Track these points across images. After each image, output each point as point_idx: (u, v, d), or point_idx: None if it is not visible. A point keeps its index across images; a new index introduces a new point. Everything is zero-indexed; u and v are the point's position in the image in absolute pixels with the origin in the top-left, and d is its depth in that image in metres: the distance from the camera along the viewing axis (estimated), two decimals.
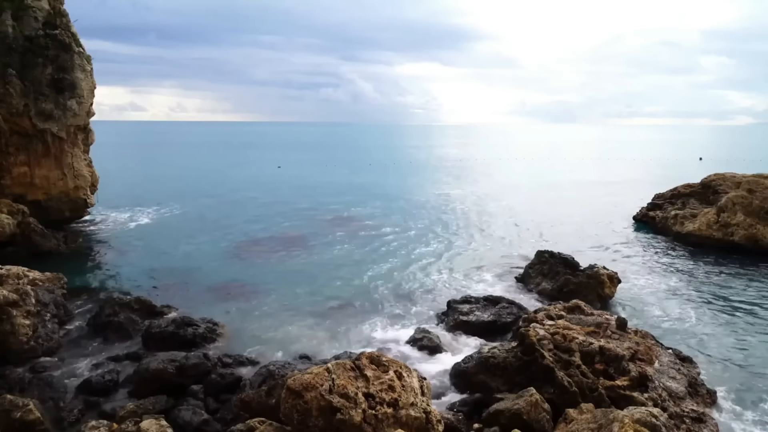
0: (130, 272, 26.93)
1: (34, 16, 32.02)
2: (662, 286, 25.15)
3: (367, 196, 52.91)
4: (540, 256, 25.63)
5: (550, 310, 17.76)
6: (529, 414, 12.41)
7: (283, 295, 23.57)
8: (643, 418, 10.46)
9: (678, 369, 14.96)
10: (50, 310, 18.80)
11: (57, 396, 14.43)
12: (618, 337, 15.60)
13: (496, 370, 14.79)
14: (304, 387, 10.83)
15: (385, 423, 10.70)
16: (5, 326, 16.53)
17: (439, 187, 61.53)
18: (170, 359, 15.41)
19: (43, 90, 31.78)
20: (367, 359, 11.98)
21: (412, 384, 11.66)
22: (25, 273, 19.31)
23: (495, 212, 44.67)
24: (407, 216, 42.76)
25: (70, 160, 34.21)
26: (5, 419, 12.33)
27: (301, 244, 33.14)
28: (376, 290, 24.50)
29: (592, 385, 13.51)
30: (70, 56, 32.84)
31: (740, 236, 30.66)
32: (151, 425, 11.57)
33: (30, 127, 31.86)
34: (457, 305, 20.74)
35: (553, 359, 14.10)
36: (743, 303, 22.77)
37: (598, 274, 22.89)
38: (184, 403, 14.02)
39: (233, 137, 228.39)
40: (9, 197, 31.03)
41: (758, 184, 32.26)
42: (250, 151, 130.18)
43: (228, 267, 28.05)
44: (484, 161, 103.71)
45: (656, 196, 40.59)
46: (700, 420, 13.03)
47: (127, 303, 20.25)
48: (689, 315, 21.53)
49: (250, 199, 50.96)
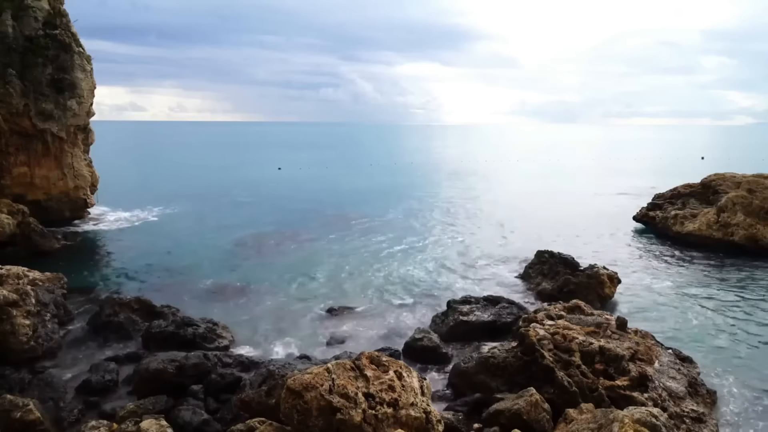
0: (130, 272, 26.93)
1: (34, 16, 32.05)
2: (662, 286, 25.14)
3: (367, 197, 52.92)
4: (540, 256, 25.62)
5: (550, 310, 17.75)
6: (529, 414, 12.41)
7: (283, 295, 23.58)
8: (643, 418, 10.46)
9: (678, 369, 14.95)
10: (50, 310, 18.79)
11: (57, 396, 14.42)
12: (618, 337, 15.59)
13: (496, 370, 14.78)
14: (304, 387, 10.82)
15: (385, 423, 10.70)
16: (5, 326, 16.52)
17: (439, 188, 61.56)
18: (170, 359, 15.40)
19: (43, 90, 31.80)
20: (367, 359, 11.98)
21: (412, 384, 11.66)
22: (25, 273, 19.30)
23: (495, 212, 44.67)
24: (407, 216, 42.77)
25: (70, 160, 34.23)
26: (5, 419, 12.33)
27: (301, 244, 33.15)
28: (376, 290, 24.50)
29: (592, 385, 13.50)
30: (70, 56, 32.87)
31: (740, 236, 30.65)
32: (151, 425, 11.56)
33: (30, 127, 31.88)
34: (457, 305, 20.73)
35: (553, 359, 14.10)
36: (743, 303, 22.76)
37: (598, 274, 22.89)
38: (184, 403, 14.00)
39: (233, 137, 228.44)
40: (9, 197, 31.05)
41: (758, 184, 32.26)
42: (250, 151, 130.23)
43: (228, 267, 28.05)
44: (484, 161, 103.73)
45: (656, 196, 40.55)
46: (700, 420, 13.02)
47: (127, 303, 20.25)
48: (689, 315, 21.53)
49: (250, 199, 50.98)
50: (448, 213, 44.69)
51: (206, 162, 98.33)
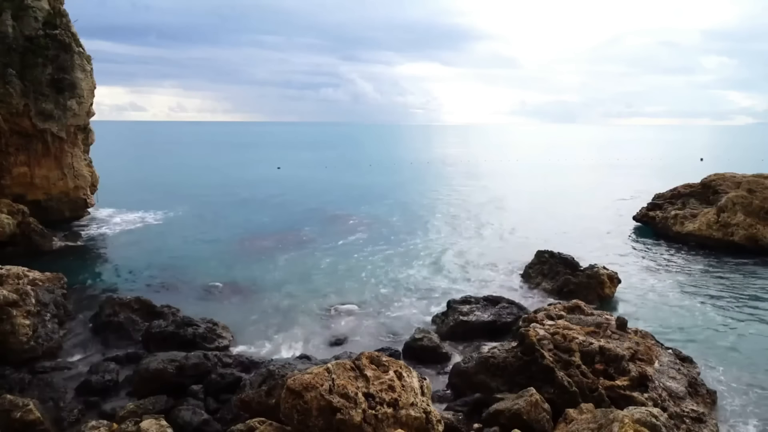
0: (130, 272, 26.93)
1: (34, 16, 32.03)
2: (662, 286, 25.14)
3: (367, 197, 52.91)
4: (540, 256, 25.63)
5: (550, 310, 17.76)
6: (529, 414, 12.40)
7: (283, 295, 23.58)
8: (643, 418, 10.45)
9: (678, 369, 14.95)
10: (50, 310, 18.79)
11: (57, 396, 14.44)
12: (618, 337, 15.59)
13: (496, 370, 14.78)
14: (304, 387, 10.82)
15: (385, 423, 10.70)
16: (5, 326, 16.53)
17: (439, 187, 61.55)
18: (170, 359, 15.40)
19: (43, 90, 31.78)
20: (367, 359, 11.98)
21: (412, 384, 11.66)
22: (25, 273, 19.30)
23: (495, 212, 44.67)
24: (407, 216, 42.77)
25: (70, 160, 34.23)
26: (5, 419, 12.33)
27: (301, 244, 33.15)
28: (376, 290, 24.50)
29: (592, 385, 13.51)
30: (70, 56, 32.86)
31: (740, 236, 30.65)
32: (151, 425, 11.56)
33: (30, 127, 31.87)
34: (457, 305, 20.73)
35: (553, 359, 14.10)
36: (743, 303, 22.76)
37: (598, 274, 22.89)
38: (184, 403, 14.01)
39: (233, 137, 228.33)
40: (9, 197, 31.05)
41: (758, 184, 32.25)
42: (251, 151, 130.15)
43: (228, 267, 28.04)
44: (484, 161, 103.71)
45: (656, 196, 40.55)
46: (700, 420, 13.02)
47: (127, 303, 20.25)
48: (689, 315, 21.53)
49: (249, 199, 50.98)
50: (448, 213, 44.69)
51: (206, 162, 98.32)
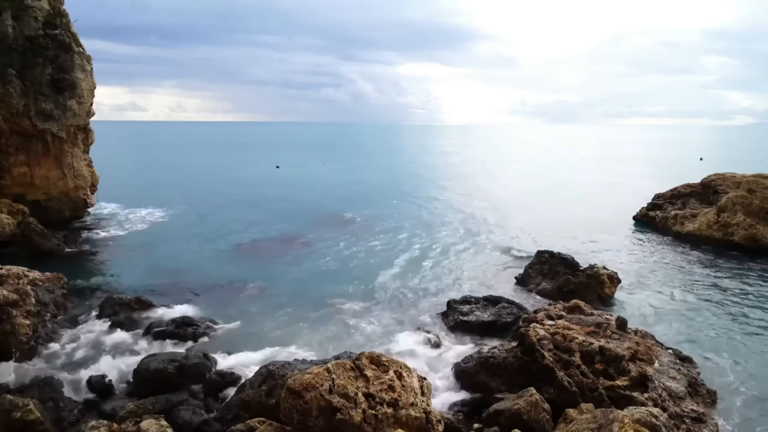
0: (130, 272, 26.92)
1: (34, 16, 32.02)
2: (662, 286, 25.13)
3: (367, 197, 52.89)
4: (540, 256, 25.62)
5: (550, 310, 17.76)
6: (529, 414, 12.40)
7: (283, 295, 23.56)
8: (643, 418, 10.46)
9: (678, 369, 14.95)
10: (50, 310, 18.81)
11: (57, 396, 14.43)
12: (618, 337, 15.60)
13: (496, 370, 14.79)
14: (304, 387, 10.82)
15: (385, 423, 10.70)
16: (5, 326, 16.52)
17: (439, 188, 61.51)
18: (170, 359, 15.41)
19: (43, 90, 31.77)
20: (367, 359, 11.98)
21: (412, 384, 11.66)
22: (25, 273, 19.30)
23: (495, 212, 44.64)
24: (407, 216, 42.75)
25: (70, 160, 34.21)
26: (5, 419, 12.32)
27: (301, 244, 33.14)
28: (376, 290, 24.49)
29: (592, 385, 13.51)
30: (70, 56, 32.84)
31: (740, 236, 30.65)
32: (151, 425, 11.56)
33: (30, 127, 31.87)
34: (457, 305, 20.74)
35: (553, 359, 14.10)
36: (743, 303, 22.76)
37: (598, 274, 22.89)
38: (184, 403, 14.02)
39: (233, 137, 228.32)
40: (9, 197, 31.05)
41: (758, 184, 32.26)
42: (250, 151, 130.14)
43: (228, 267, 28.04)
44: (484, 161, 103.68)
45: (656, 196, 40.58)
46: (700, 420, 13.02)
47: (127, 303, 20.26)
48: (689, 315, 21.52)
49: (249, 199, 50.95)
50: (448, 212, 44.66)
51: (206, 161, 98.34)
